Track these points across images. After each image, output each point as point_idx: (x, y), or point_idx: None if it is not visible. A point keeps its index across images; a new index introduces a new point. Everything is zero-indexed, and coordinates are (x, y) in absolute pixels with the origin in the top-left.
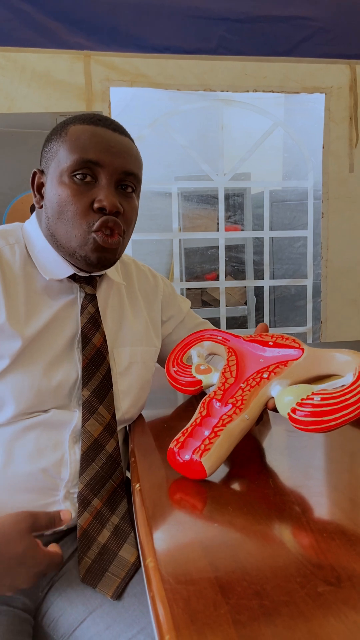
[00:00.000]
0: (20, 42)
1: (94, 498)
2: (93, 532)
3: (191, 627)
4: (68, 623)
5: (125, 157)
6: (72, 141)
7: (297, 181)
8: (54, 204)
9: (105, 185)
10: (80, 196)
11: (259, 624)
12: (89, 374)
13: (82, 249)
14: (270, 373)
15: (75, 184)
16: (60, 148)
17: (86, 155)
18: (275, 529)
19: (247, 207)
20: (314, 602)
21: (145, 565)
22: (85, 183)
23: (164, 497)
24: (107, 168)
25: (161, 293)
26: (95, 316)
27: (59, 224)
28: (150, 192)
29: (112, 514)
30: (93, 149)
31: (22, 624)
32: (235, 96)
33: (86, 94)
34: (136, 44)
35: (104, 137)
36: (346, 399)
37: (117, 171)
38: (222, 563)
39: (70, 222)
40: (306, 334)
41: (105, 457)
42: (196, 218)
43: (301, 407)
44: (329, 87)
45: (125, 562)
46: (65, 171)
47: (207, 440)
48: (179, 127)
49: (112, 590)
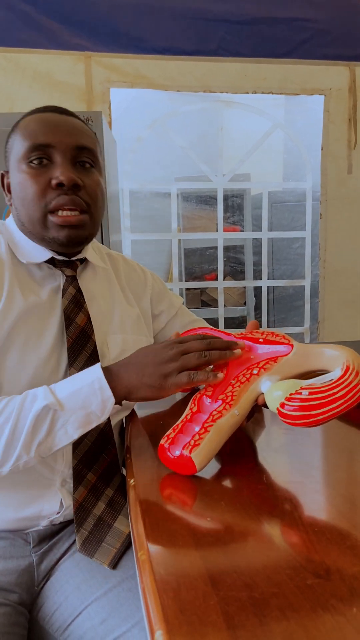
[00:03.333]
0: (22, 43)
1: (89, 472)
2: (88, 504)
3: (181, 617)
4: (63, 617)
5: (76, 134)
6: (22, 131)
7: (295, 182)
8: (17, 193)
9: (60, 162)
10: (38, 177)
11: (247, 615)
12: (74, 354)
13: (47, 232)
14: (260, 369)
15: (32, 168)
16: (15, 141)
17: (36, 139)
18: (266, 524)
19: (247, 208)
20: (303, 594)
21: (137, 557)
22: (42, 166)
23: (158, 493)
24: (59, 147)
25: (150, 288)
26: (76, 297)
27: (22, 210)
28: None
29: (106, 487)
30: (42, 132)
31: (18, 616)
32: (235, 97)
33: (86, 95)
34: (137, 45)
35: (51, 120)
36: (334, 392)
37: (70, 148)
38: (213, 556)
39: (31, 205)
40: (304, 334)
41: (97, 433)
42: (195, 219)
43: (290, 401)
44: (329, 89)
45: (120, 533)
46: (21, 159)
47: (197, 436)
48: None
49: (109, 559)
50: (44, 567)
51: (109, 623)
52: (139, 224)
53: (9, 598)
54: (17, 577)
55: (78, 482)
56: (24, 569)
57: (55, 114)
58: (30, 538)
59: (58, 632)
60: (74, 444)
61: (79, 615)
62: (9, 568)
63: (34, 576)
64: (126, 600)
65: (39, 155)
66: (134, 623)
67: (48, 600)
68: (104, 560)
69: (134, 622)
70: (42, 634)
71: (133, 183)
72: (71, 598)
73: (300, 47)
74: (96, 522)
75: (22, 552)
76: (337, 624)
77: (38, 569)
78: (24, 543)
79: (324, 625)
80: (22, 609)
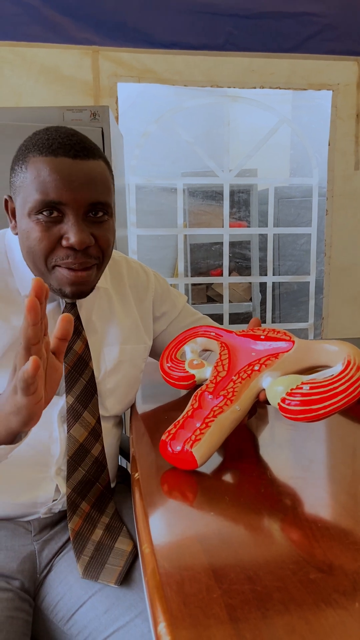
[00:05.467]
0: (29, 37)
1: (82, 502)
2: (86, 532)
3: (184, 609)
4: (67, 607)
5: (90, 187)
6: (32, 178)
7: (302, 178)
8: (23, 240)
9: (72, 221)
10: (48, 233)
11: (250, 608)
12: (71, 381)
13: (52, 282)
14: (262, 365)
15: (41, 223)
16: (24, 183)
17: (47, 196)
18: (269, 519)
19: (253, 204)
20: (305, 589)
21: (141, 550)
22: (52, 219)
23: (162, 487)
24: (71, 205)
25: (152, 289)
26: (75, 324)
27: (29, 259)
28: (156, 187)
29: (101, 515)
30: (54, 188)
31: (21, 602)
32: (241, 92)
33: (94, 89)
34: (144, 40)
35: (64, 171)
36: (334, 387)
37: (83, 205)
38: (216, 550)
39: (38, 257)
40: (308, 330)
41: (91, 462)
42: (201, 214)
43: (291, 396)
44: (336, 84)
45: (122, 552)
46: (30, 211)
47: (198, 431)
48: (185, 123)
49: (115, 578)
50: (46, 555)
51: (112, 613)
52: (145, 219)
53: (12, 584)
54: (19, 564)
55: (72, 512)
56: (26, 556)
57: (68, 160)
58: (31, 527)
59: (62, 622)
60: (67, 471)
61: (82, 605)
62: (10, 555)
63: (36, 564)
64: (129, 591)
65: (49, 209)
66: (137, 613)
67: (52, 591)
68: (110, 579)
69: (137, 612)
70: (46, 623)
71: (139, 178)
72: (75, 588)
73: (308, 41)
74: (96, 546)
75: (23, 541)
76: (339, 619)
77: (40, 556)
78: (25, 531)
79: (327, 619)
80: (25, 596)
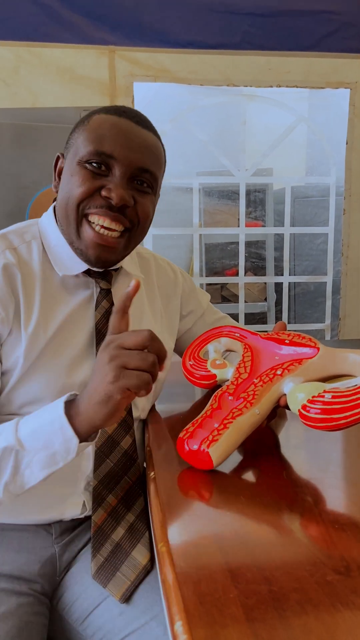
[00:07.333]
0: (45, 37)
1: (109, 495)
2: (107, 529)
3: (200, 608)
4: (83, 608)
5: (144, 152)
6: (91, 130)
7: (319, 177)
8: (64, 186)
9: (117, 177)
10: (90, 182)
11: (267, 608)
12: None
13: (78, 241)
14: (284, 370)
15: (86, 170)
16: (81, 136)
17: (101, 147)
18: (286, 519)
19: (269, 203)
20: (322, 590)
21: (157, 549)
22: (98, 171)
23: (178, 486)
24: (121, 162)
25: (180, 288)
26: (109, 311)
27: (62, 204)
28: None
29: (127, 512)
30: (110, 141)
31: (40, 606)
32: (258, 91)
33: (110, 89)
34: (160, 39)
35: (123, 129)
36: (357, 398)
37: (132, 166)
38: (233, 550)
39: (72, 203)
40: (324, 331)
41: (120, 454)
42: (217, 213)
43: (312, 404)
44: (354, 82)
45: (137, 564)
46: (80, 159)
47: (216, 432)
48: (200, 122)
49: (121, 593)
50: (66, 557)
51: (127, 615)
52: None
53: (32, 588)
54: (40, 568)
55: (98, 504)
56: (47, 559)
57: (131, 123)
58: (53, 530)
59: (77, 622)
60: (95, 463)
61: (98, 606)
62: (32, 559)
63: (56, 566)
64: (145, 593)
65: (98, 161)
66: (152, 616)
67: (68, 591)
68: (116, 592)
69: (152, 615)
70: (62, 623)
71: None
72: (91, 589)
73: (325, 39)
74: (113, 548)
75: (44, 544)
76: (357, 620)
77: (60, 559)
78: (47, 535)
79: (344, 621)
80: (44, 599)
